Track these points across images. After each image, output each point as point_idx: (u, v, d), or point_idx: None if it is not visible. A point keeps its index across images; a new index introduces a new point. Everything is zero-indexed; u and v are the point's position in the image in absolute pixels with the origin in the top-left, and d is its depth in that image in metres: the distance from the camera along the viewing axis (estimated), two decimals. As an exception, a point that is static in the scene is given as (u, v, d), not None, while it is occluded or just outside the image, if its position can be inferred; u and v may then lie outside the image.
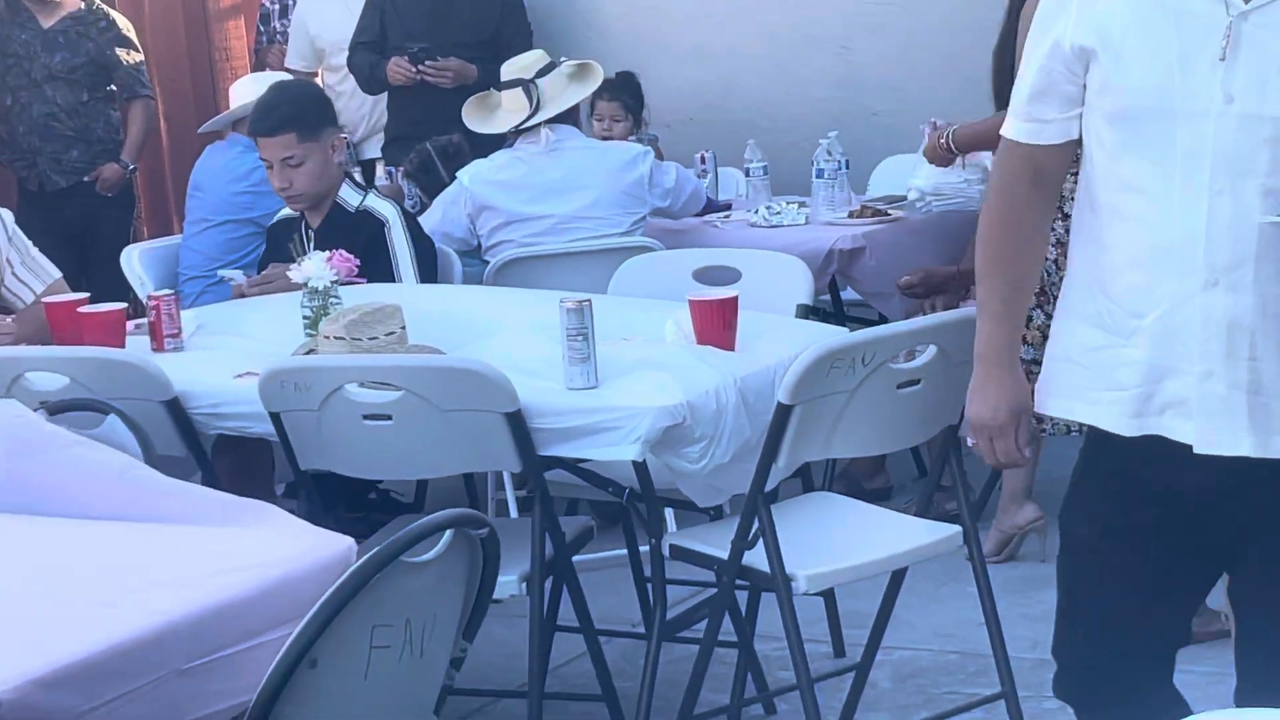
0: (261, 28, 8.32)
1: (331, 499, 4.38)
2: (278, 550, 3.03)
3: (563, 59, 6.17)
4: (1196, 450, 2.85)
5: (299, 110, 5.35)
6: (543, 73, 6.03)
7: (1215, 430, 2.85)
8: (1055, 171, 3.05)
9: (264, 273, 5.40)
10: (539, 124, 5.96)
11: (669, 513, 4.65)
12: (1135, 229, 2.88)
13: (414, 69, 7.02)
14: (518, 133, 6.02)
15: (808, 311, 4.90)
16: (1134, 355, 2.89)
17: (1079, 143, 2.98)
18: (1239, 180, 2.78)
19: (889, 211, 6.31)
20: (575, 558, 4.27)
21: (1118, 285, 2.91)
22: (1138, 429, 2.90)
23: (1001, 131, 3.07)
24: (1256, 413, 2.83)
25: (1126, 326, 2.90)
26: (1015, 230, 3.07)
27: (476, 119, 6.24)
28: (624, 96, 6.90)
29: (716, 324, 4.23)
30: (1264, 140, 2.76)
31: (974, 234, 3.22)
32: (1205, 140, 2.79)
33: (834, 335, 4.18)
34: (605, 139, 6.64)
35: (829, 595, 4.71)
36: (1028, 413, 3.09)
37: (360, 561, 2.78)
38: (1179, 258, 2.82)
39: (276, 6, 8.21)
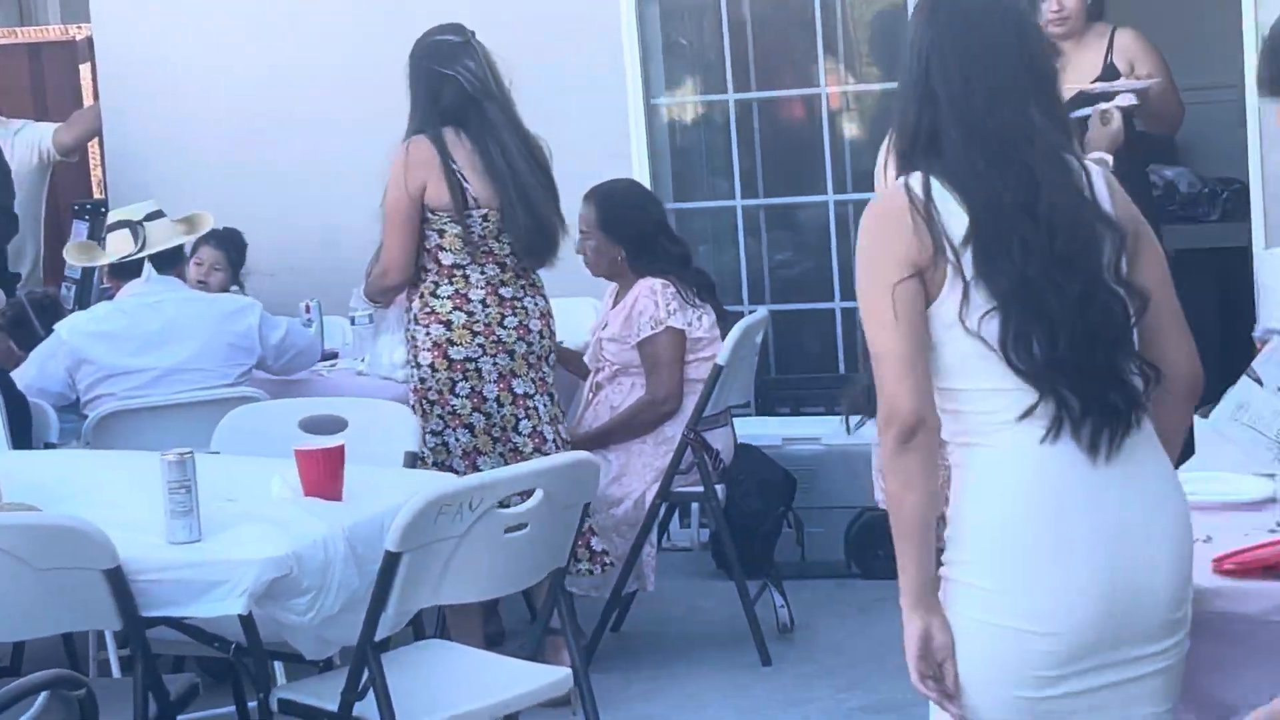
0: None
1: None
2: None
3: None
4: None
5: None
6: (150, 218, 5.98)
7: None
8: None
9: None
10: (141, 261, 5.90)
11: (278, 666, 4.57)
12: None
13: None
14: (118, 278, 5.95)
15: (415, 459, 4.90)
16: None
17: None
18: None
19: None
20: (181, 717, 4.17)
21: None
22: None
23: None
24: None
25: None
26: None
27: (80, 258, 6.18)
28: (228, 248, 6.85)
29: (323, 474, 4.20)
30: None
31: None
32: None
33: (442, 481, 4.18)
34: (201, 285, 6.59)
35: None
36: None
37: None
38: None
39: None
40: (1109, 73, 6.00)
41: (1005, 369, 2.93)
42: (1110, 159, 4.50)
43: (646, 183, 7.07)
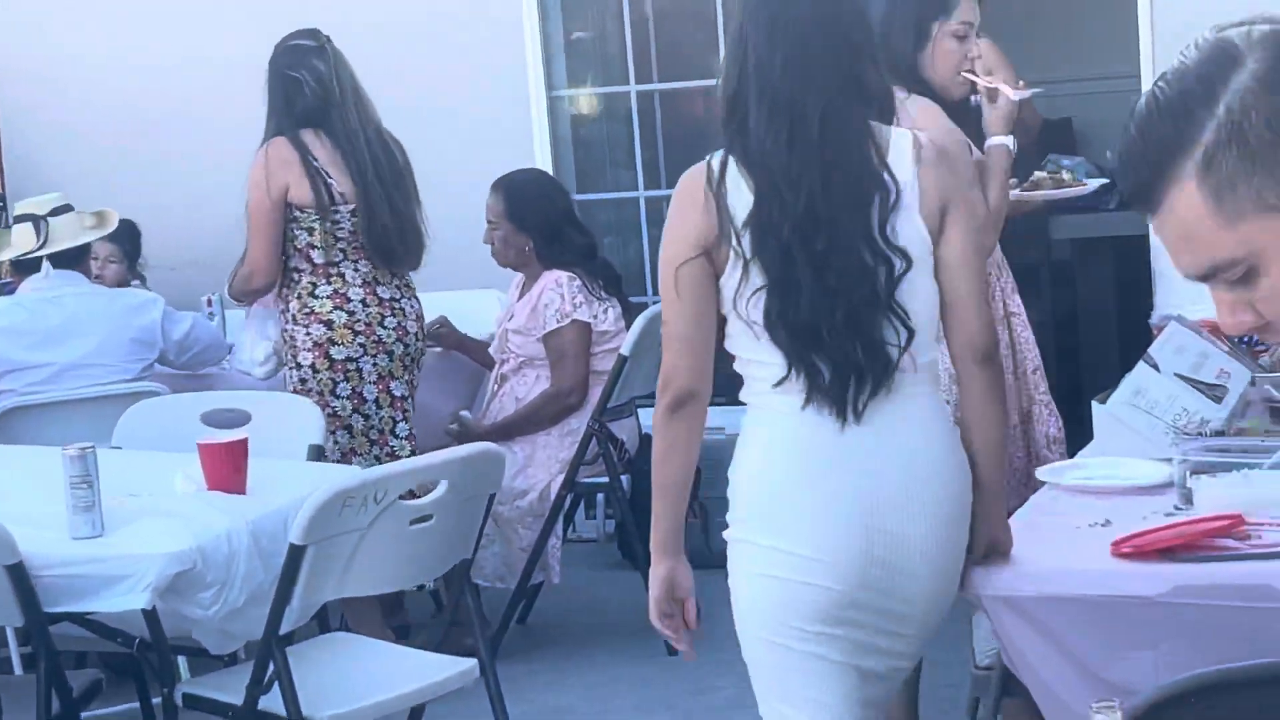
0: None
1: None
2: None
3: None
4: None
5: None
6: (56, 212, 5.92)
7: None
8: None
9: None
10: (41, 257, 5.84)
11: (182, 661, 4.56)
12: None
13: None
14: (20, 273, 5.88)
15: (319, 452, 4.88)
16: None
17: None
18: None
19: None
20: (84, 713, 4.15)
21: None
22: None
23: None
24: None
25: None
26: None
27: None
28: (122, 241, 6.80)
29: (226, 467, 4.18)
30: None
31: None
32: None
33: (346, 474, 4.18)
34: (96, 279, 6.53)
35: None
36: None
37: None
38: None
39: None
40: None
41: (768, 341, 3.17)
42: (1011, 142, 4.47)
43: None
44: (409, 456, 5.54)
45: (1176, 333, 4.12)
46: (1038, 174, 4.58)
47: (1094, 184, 5.07)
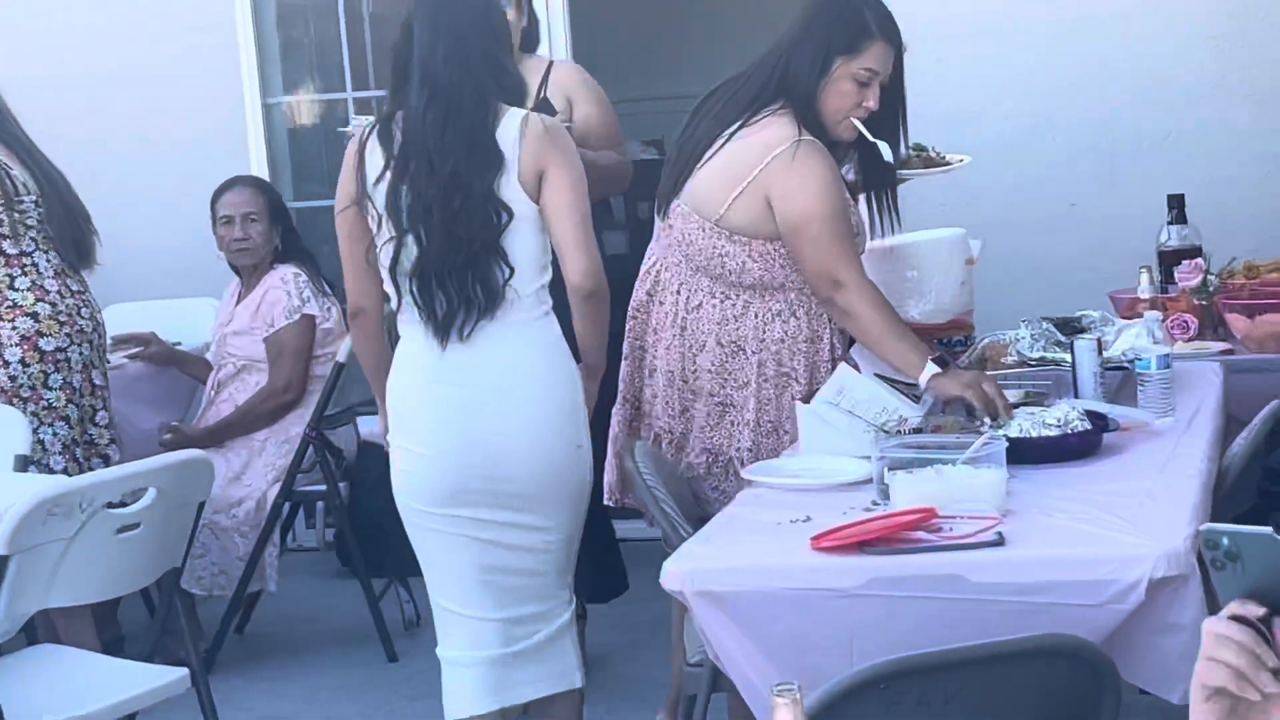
0: None
1: None
2: None
3: None
4: None
5: None
6: None
7: None
8: None
9: None
10: None
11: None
12: None
13: None
14: None
15: (26, 463, 4.80)
16: None
17: None
18: None
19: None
20: None
21: None
22: None
23: None
24: None
25: None
26: None
27: None
28: None
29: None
30: None
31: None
32: None
33: (51, 482, 4.12)
34: None
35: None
36: None
37: None
38: None
39: None
40: (543, 106, 5.23)
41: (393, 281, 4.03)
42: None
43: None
44: (107, 445, 5.50)
45: (877, 334, 4.24)
46: (906, 152, 4.51)
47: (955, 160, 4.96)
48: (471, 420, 4.01)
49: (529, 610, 4.15)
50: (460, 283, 3.96)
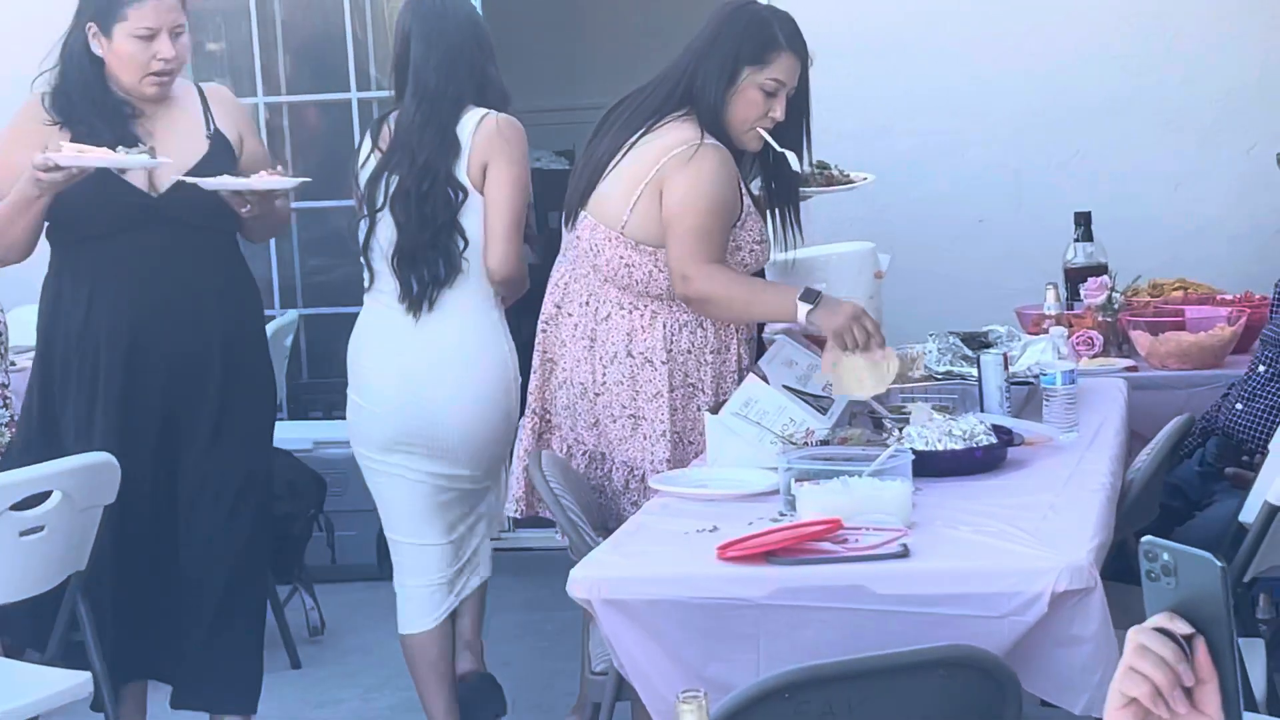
0: None
1: None
2: None
3: None
4: None
5: None
6: None
7: None
8: None
9: None
10: None
11: None
12: None
13: None
14: None
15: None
16: None
17: None
18: None
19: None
20: None
21: None
22: None
23: None
24: None
25: None
26: None
27: None
28: None
29: None
30: None
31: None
32: None
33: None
34: None
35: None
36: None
37: None
38: None
39: None
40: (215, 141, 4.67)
41: (365, 258, 4.70)
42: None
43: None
44: (6, 444, 5.44)
45: (786, 346, 4.27)
46: (806, 170, 4.54)
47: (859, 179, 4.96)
48: (409, 382, 4.61)
49: (468, 522, 4.80)
50: (430, 258, 4.56)
